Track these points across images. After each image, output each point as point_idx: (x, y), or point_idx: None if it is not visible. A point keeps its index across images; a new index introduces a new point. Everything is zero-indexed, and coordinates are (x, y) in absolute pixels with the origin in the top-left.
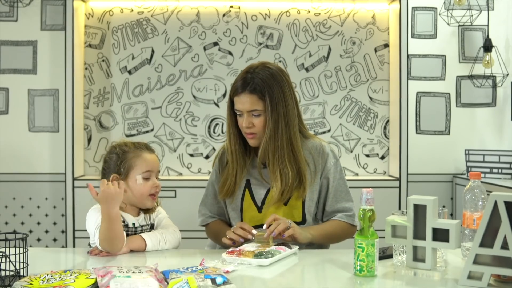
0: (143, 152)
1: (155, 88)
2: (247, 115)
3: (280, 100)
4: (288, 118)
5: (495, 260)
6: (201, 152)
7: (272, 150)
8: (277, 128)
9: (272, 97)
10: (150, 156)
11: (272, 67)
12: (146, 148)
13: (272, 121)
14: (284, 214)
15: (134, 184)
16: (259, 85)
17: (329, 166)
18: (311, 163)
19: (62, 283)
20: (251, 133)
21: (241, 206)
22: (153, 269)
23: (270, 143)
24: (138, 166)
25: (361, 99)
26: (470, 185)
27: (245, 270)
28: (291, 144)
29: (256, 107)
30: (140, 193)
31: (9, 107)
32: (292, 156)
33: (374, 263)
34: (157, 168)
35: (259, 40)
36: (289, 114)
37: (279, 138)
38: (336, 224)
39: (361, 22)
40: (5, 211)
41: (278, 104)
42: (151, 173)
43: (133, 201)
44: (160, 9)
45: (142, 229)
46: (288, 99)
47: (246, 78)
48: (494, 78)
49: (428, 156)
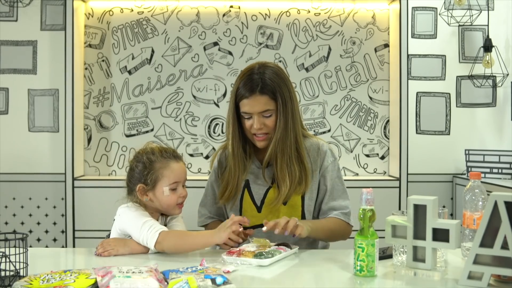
0: (170, 162)
1: (155, 88)
2: (257, 116)
3: (288, 98)
4: (295, 116)
5: (495, 260)
6: (201, 152)
7: (281, 150)
8: (287, 127)
9: (282, 96)
10: (177, 165)
11: (273, 66)
12: (174, 156)
13: (283, 120)
14: (284, 214)
15: (161, 196)
16: (270, 85)
17: (326, 164)
18: (309, 162)
19: (62, 283)
20: (263, 133)
21: (240, 206)
22: (153, 269)
23: (280, 143)
24: (165, 177)
25: (361, 99)
26: (470, 185)
27: (245, 270)
28: (297, 142)
29: (268, 107)
30: (167, 204)
31: (9, 107)
32: (297, 154)
33: (374, 263)
34: (184, 178)
35: (259, 40)
36: (295, 112)
37: (288, 137)
38: (332, 220)
39: (361, 22)
40: (5, 211)
41: (287, 102)
42: (178, 184)
43: (161, 210)
44: (160, 9)
45: None
46: (293, 96)
47: (253, 80)
48: (494, 78)
49: (428, 156)
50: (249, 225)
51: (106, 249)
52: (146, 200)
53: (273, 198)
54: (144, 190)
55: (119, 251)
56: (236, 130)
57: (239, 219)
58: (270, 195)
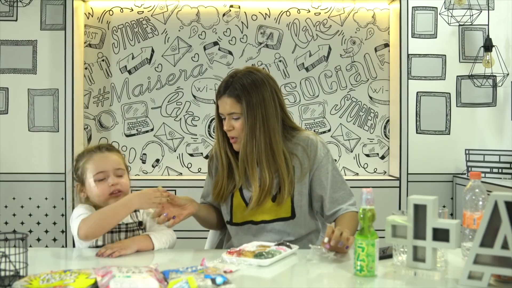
0: (93, 154)
1: (155, 88)
2: (228, 118)
3: (258, 103)
4: (267, 123)
5: (495, 260)
6: (201, 151)
7: (250, 153)
8: (254, 131)
9: (249, 101)
10: (99, 156)
11: (256, 73)
12: (99, 149)
13: (248, 124)
14: (272, 210)
15: (90, 189)
16: (237, 89)
17: (320, 158)
18: (301, 156)
19: (62, 283)
20: (232, 137)
21: (231, 202)
22: (153, 269)
23: (248, 146)
24: (89, 170)
25: (361, 98)
26: (470, 185)
27: (245, 270)
28: (271, 148)
29: (234, 110)
30: (97, 196)
31: (9, 106)
32: (272, 160)
33: (374, 263)
34: (112, 167)
35: (259, 39)
36: (268, 119)
37: (257, 141)
38: (348, 216)
39: (361, 22)
40: (5, 211)
41: (256, 107)
42: (105, 173)
43: (101, 204)
44: (160, 9)
45: (127, 227)
46: (268, 104)
47: (227, 82)
48: (495, 77)
49: (428, 156)
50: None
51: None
52: (84, 197)
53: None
54: (80, 189)
55: (127, 250)
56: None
57: (161, 189)
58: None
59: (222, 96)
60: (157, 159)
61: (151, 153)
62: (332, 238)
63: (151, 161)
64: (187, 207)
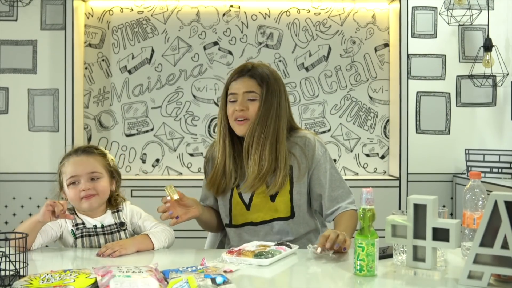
0: (70, 158)
1: (155, 88)
2: (243, 97)
3: (276, 93)
4: (279, 112)
5: (495, 259)
6: (201, 151)
7: (258, 135)
8: (266, 117)
9: (269, 86)
10: (74, 160)
11: (269, 66)
12: (76, 152)
13: (264, 108)
14: (271, 210)
15: (67, 193)
16: (260, 73)
17: (318, 157)
18: (299, 156)
19: (62, 282)
20: (243, 117)
21: (230, 205)
22: (153, 269)
23: (257, 128)
24: (64, 174)
25: (361, 98)
26: (470, 184)
27: (245, 270)
28: (277, 136)
29: (253, 89)
30: (72, 200)
31: (9, 106)
32: (275, 148)
33: (374, 262)
34: (84, 171)
35: (259, 39)
36: (281, 109)
37: (267, 125)
38: (347, 215)
39: (361, 22)
40: (5, 211)
41: (274, 95)
42: (77, 178)
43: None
44: (160, 9)
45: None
46: (282, 97)
47: (245, 65)
48: (494, 77)
49: (428, 155)
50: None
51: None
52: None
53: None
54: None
55: (127, 250)
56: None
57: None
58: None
59: (242, 77)
60: (157, 159)
61: (151, 153)
62: (328, 240)
63: (151, 161)
64: (192, 210)
